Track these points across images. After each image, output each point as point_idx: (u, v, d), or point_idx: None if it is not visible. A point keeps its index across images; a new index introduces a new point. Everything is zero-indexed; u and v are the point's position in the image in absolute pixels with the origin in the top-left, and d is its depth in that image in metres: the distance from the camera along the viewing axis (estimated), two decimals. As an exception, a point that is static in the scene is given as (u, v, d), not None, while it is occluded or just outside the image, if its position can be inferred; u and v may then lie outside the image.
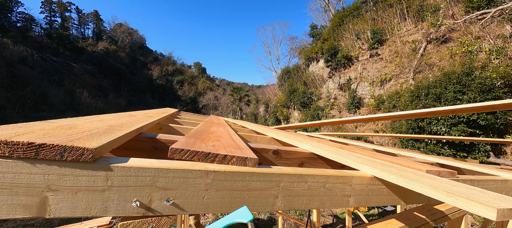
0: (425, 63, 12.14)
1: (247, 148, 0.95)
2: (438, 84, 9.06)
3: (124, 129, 0.91)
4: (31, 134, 0.58)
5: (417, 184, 0.71)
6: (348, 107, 16.01)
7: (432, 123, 8.66)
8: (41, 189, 0.51)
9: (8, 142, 0.48)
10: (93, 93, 33.01)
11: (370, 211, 6.86)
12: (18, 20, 36.92)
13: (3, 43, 25.19)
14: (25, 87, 23.28)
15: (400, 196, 0.93)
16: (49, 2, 45.05)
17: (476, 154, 7.83)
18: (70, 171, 0.53)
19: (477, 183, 1.12)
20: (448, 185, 0.72)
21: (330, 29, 22.05)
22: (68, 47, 38.79)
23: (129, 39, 55.87)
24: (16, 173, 0.49)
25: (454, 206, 0.70)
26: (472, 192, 0.66)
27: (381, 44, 15.82)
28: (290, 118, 22.77)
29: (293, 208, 0.77)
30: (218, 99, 49.35)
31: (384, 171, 0.85)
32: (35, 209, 0.50)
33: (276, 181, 0.74)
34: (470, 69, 8.56)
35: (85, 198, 0.54)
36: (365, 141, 12.96)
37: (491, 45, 9.35)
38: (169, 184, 0.61)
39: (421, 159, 1.96)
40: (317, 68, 21.91)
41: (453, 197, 0.61)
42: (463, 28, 11.11)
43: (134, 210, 0.59)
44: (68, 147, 0.52)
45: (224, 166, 0.72)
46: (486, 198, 0.60)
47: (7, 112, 20.30)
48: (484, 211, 0.54)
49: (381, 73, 14.57)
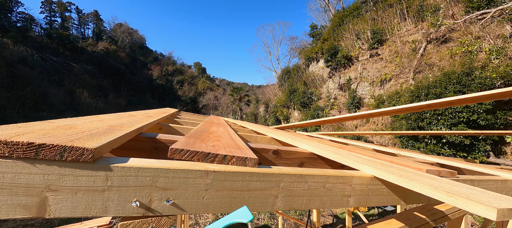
0: (425, 63, 12.14)
1: (247, 148, 0.95)
2: (438, 84, 9.07)
3: (124, 129, 0.91)
4: (31, 134, 0.58)
5: (417, 184, 0.71)
6: (348, 107, 16.01)
7: (432, 123, 8.66)
8: (41, 189, 0.51)
9: (8, 142, 0.48)
10: (93, 93, 33.01)
11: (370, 211, 6.86)
12: (18, 20, 36.93)
13: (3, 43, 25.19)
14: (25, 87, 23.28)
15: (400, 196, 0.93)
16: (49, 2, 45.05)
17: (476, 154, 7.83)
18: (70, 171, 0.53)
19: (477, 183, 1.12)
20: (448, 185, 0.72)
21: (330, 29, 22.05)
22: (68, 47, 38.80)
23: (129, 39, 55.87)
24: (16, 173, 0.49)
25: (454, 206, 0.70)
26: (472, 192, 0.66)
27: (381, 44, 15.82)
28: (290, 118, 22.77)
29: (293, 208, 0.77)
30: (218, 99, 49.35)
31: (384, 171, 0.85)
32: (35, 209, 0.50)
33: (276, 181, 0.74)
34: (470, 69, 8.56)
35: (85, 198, 0.54)
36: (365, 140, 12.97)
37: (491, 45, 9.35)
38: (169, 184, 0.61)
39: (421, 159, 1.96)
40: (317, 68, 21.91)
41: (453, 197, 0.61)
42: (463, 28, 11.11)
43: (134, 210, 0.59)
44: (68, 147, 0.52)
45: (224, 166, 0.72)
46: (486, 198, 0.60)
47: (7, 112, 20.30)
48: (484, 211, 0.54)
49: (381, 73, 14.57)
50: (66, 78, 31.22)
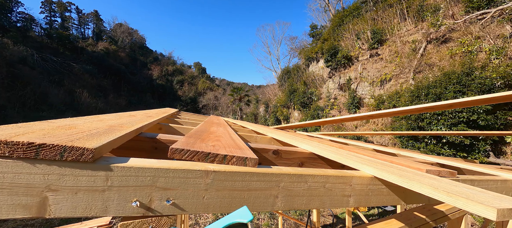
0: (425, 63, 12.14)
1: (247, 148, 0.95)
2: (438, 84, 9.07)
3: (124, 129, 0.91)
4: (31, 134, 0.58)
5: (417, 184, 0.71)
6: (348, 108, 16.01)
7: (432, 123, 8.66)
8: (41, 189, 0.51)
9: (8, 142, 0.48)
10: (93, 93, 33.01)
11: (370, 211, 6.86)
12: (18, 20, 36.93)
13: (3, 43, 25.19)
14: (25, 87, 23.28)
15: (400, 196, 0.93)
16: (49, 2, 45.04)
17: (476, 154, 7.83)
18: (70, 171, 0.53)
19: (477, 183, 1.12)
20: (448, 185, 0.72)
21: (330, 29, 22.06)
22: (68, 47, 38.79)
23: (129, 39, 55.87)
24: (16, 173, 0.49)
25: (454, 206, 0.70)
26: (472, 192, 0.66)
27: (381, 44, 15.82)
28: (290, 118, 22.77)
29: (293, 208, 0.77)
30: (218, 99, 49.34)
31: (384, 171, 0.85)
32: (35, 209, 0.50)
33: (276, 181, 0.74)
34: (470, 69, 8.56)
35: (85, 198, 0.54)
36: (366, 140, 12.96)
37: (491, 45, 9.35)
38: (169, 184, 0.61)
39: (421, 159, 1.96)
40: (317, 68, 21.91)
41: (453, 197, 0.61)
42: (463, 28, 11.11)
43: (134, 210, 0.59)
44: (68, 147, 0.52)
45: (224, 166, 0.72)
46: (486, 198, 0.60)
47: (7, 112, 20.30)
48: (484, 211, 0.54)
49: (381, 73, 14.57)
50: (66, 78, 31.23)
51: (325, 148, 1.32)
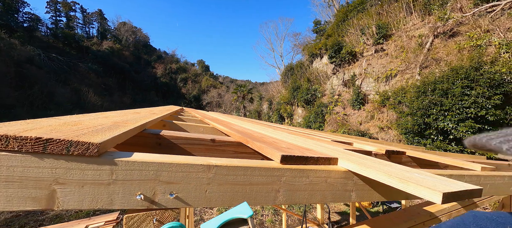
0: (432, 58, 11.88)
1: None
2: (445, 79, 8.87)
3: (128, 125, 0.93)
4: (39, 129, 0.60)
5: (373, 171, 0.72)
6: (352, 104, 15.85)
7: (439, 119, 8.51)
8: (49, 182, 0.53)
9: (17, 137, 0.50)
10: (99, 92, 33.52)
11: (374, 209, 6.83)
12: (25, 20, 37.57)
13: (11, 43, 25.70)
14: (32, 87, 23.79)
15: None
16: (54, 2, 45.63)
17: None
18: (77, 165, 0.54)
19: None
20: (402, 172, 0.73)
21: (334, 24, 21.74)
22: (73, 47, 39.37)
23: (133, 38, 56.29)
24: (25, 167, 0.51)
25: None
26: (422, 177, 0.67)
27: (386, 39, 15.53)
28: (294, 114, 22.69)
29: (294, 202, 0.78)
30: (221, 96, 49.49)
31: (347, 160, 0.85)
32: (44, 201, 0.52)
33: (278, 175, 0.74)
34: (478, 63, 8.34)
35: (91, 191, 0.56)
36: (370, 137, 12.85)
37: (501, 38, 9.07)
38: (172, 177, 0.63)
39: (379, 146, 1.87)
40: (320, 65, 21.69)
41: (404, 182, 0.62)
42: (472, 21, 10.79)
43: (139, 203, 0.60)
44: (74, 141, 0.54)
45: (226, 160, 0.73)
46: (434, 183, 0.61)
47: (17, 112, 20.82)
48: (431, 194, 0.55)
49: (386, 69, 14.34)
50: (72, 77, 31.76)
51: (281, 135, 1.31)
